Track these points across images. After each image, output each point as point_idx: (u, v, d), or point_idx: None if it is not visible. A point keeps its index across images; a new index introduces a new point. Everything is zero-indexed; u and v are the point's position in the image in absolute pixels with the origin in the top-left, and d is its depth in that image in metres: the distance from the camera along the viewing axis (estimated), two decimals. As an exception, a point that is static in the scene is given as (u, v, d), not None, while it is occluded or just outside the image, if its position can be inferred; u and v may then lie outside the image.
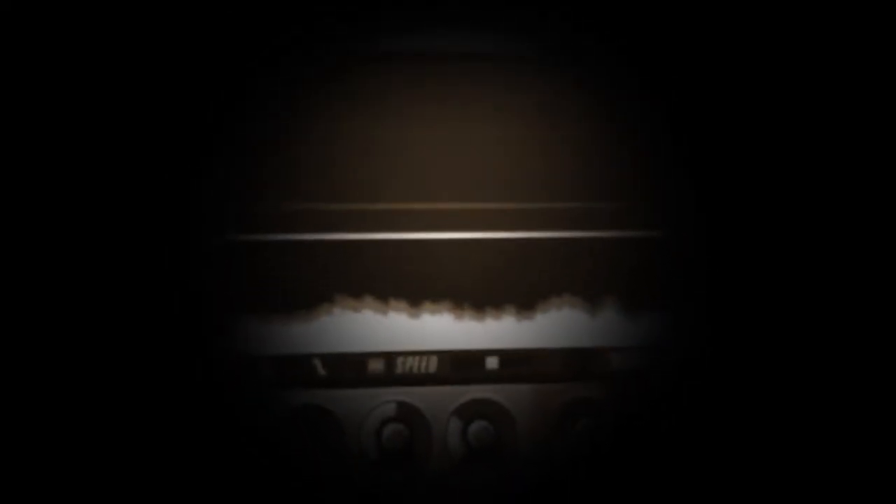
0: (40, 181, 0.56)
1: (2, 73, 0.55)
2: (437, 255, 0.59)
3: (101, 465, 0.56)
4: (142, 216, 0.57)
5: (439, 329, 0.59)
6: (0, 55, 0.55)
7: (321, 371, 0.58)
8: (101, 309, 0.56)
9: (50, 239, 0.56)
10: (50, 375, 0.55)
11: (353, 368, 0.58)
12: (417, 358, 0.59)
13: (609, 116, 0.59)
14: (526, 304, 0.60)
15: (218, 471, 0.57)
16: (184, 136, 0.57)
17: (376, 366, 0.59)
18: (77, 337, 0.56)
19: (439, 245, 0.59)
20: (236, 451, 0.58)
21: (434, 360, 0.59)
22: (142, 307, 0.57)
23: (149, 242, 0.57)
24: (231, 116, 0.58)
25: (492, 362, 0.59)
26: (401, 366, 0.59)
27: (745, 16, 0.60)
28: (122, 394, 0.56)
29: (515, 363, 0.59)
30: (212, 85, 0.57)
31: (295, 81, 0.58)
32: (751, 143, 0.60)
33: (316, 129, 0.58)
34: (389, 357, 0.59)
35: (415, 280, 0.59)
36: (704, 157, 0.60)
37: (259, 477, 0.58)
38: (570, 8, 0.59)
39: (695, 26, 0.59)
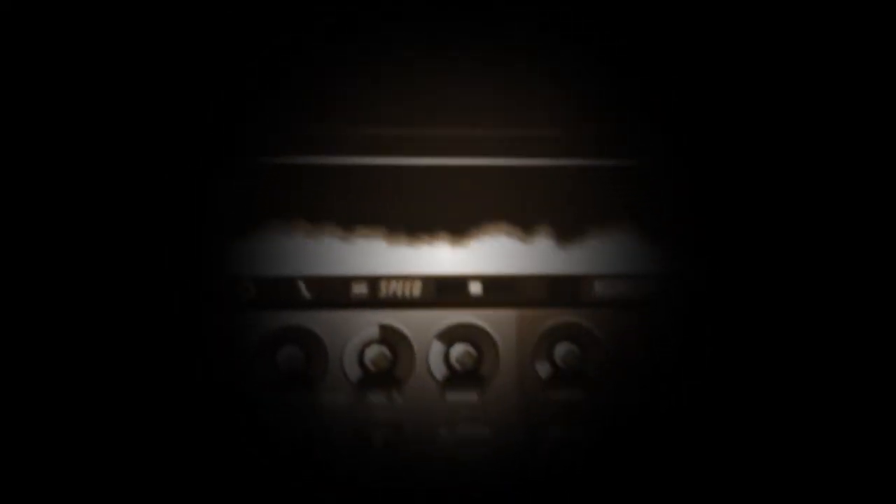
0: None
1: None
2: (427, 182, 0.60)
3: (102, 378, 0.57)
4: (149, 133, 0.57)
5: (424, 254, 0.60)
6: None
7: (305, 293, 0.59)
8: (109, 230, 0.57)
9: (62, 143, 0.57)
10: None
11: (338, 291, 0.59)
12: (401, 282, 0.59)
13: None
14: (510, 230, 0.60)
15: (204, 388, 0.58)
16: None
17: (360, 289, 0.59)
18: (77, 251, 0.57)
19: (431, 171, 0.60)
20: (224, 370, 0.58)
21: (418, 284, 0.60)
22: (143, 225, 0.57)
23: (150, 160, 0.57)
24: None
25: (475, 287, 0.60)
26: (384, 289, 0.59)
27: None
28: (121, 308, 0.57)
29: (499, 289, 0.60)
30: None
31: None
32: (722, 71, 0.60)
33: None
34: (373, 280, 0.59)
35: (407, 207, 0.59)
36: (681, 91, 0.60)
37: (247, 395, 0.59)
38: None
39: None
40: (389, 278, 0.59)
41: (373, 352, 0.59)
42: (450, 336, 0.60)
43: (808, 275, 0.60)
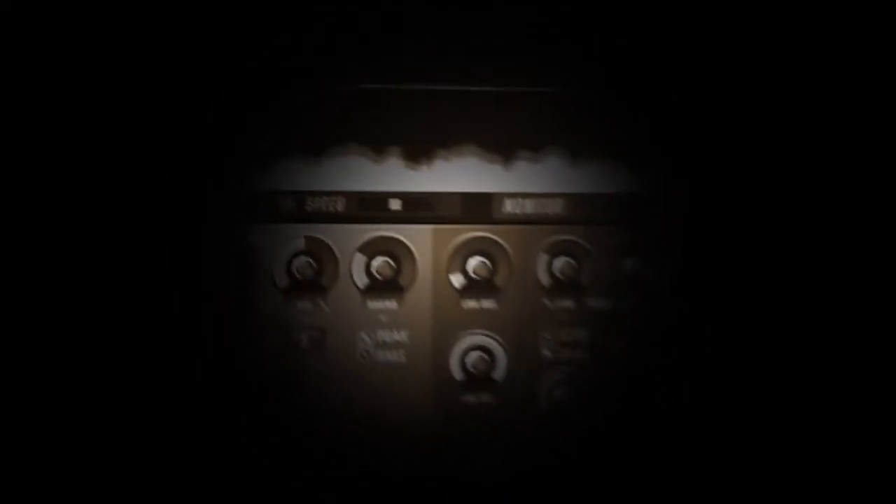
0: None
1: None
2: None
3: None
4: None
5: (349, 172, 0.65)
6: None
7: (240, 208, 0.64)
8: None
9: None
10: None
11: (267, 206, 0.64)
12: (326, 198, 0.64)
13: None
14: (428, 151, 0.65)
15: (144, 299, 0.63)
16: None
17: (288, 204, 0.64)
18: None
19: (359, 95, 0.64)
20: (167, 281, 0.64)
21: (342, 200, 0.65)
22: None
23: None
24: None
25: (395, 204, 0.65)
26: (311, 204, 0.64)
27: None
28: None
29: (417, 205, 0.65)
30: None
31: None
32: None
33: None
34: (300, 196, 0.64)
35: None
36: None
37: (188, 301, 0.64)
38: None
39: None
40: (315, 194, 0.64)
41: (299, 262, 0.64)
42: (371, 248, 0.65)
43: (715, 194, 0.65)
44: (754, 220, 0.66)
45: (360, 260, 0.65)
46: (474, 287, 0.65)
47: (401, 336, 0.65)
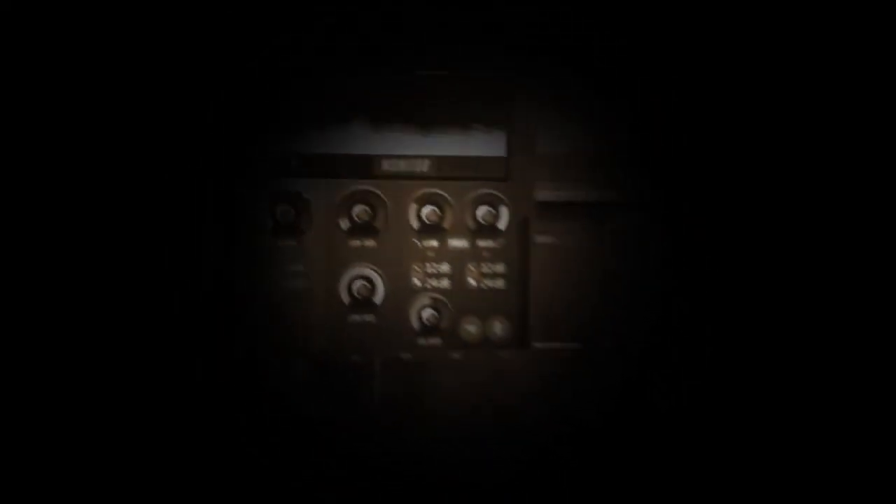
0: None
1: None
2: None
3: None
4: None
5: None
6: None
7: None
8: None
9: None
10: None
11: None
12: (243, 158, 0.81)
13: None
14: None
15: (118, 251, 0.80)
16: None
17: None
18: None
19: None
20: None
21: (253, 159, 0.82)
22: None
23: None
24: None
25: (296, 162, 0.82)
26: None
27: None
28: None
29: (314, 163, 0.82)
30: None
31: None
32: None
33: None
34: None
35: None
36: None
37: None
38: None
39: None
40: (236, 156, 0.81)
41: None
42: (275, 197, 0.82)
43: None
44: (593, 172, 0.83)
45: (267, 206, 0.82)
46: (358, 229, 0.82)
47: (300, 268, 0.82)
